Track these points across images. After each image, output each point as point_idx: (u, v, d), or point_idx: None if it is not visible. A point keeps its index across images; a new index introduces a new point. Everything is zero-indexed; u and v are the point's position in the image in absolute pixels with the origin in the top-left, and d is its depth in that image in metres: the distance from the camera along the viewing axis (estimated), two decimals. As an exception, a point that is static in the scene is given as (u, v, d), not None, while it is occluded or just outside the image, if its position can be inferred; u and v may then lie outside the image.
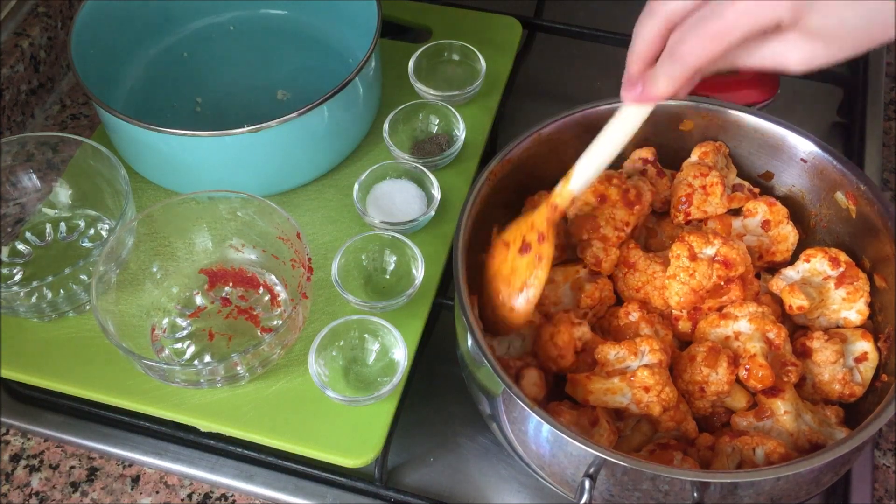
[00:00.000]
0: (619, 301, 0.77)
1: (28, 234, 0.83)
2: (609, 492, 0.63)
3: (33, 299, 0.73)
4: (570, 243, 0.78)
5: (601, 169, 0.67)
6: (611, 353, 0.69)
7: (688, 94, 0.60)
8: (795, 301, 0.72)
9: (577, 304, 0.74)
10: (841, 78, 0.99)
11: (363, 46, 0.83)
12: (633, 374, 0.67)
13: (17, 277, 0.80)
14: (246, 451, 0.76)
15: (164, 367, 0.68)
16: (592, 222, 0.74)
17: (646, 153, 0.80)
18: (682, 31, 0.55)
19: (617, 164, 0.81)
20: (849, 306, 0.73)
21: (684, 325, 0.73)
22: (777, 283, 0.74)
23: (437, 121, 0.89)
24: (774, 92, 0.90)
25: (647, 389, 0.66)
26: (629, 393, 0.67)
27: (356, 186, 0.82)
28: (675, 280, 0.72)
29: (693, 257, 0.71)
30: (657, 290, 0.73)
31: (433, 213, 0.81)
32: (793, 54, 0.53)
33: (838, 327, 0.74)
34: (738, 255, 0.71)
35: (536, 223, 0.69)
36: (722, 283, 0.72)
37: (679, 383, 0.69)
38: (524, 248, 0.69)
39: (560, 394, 0.71)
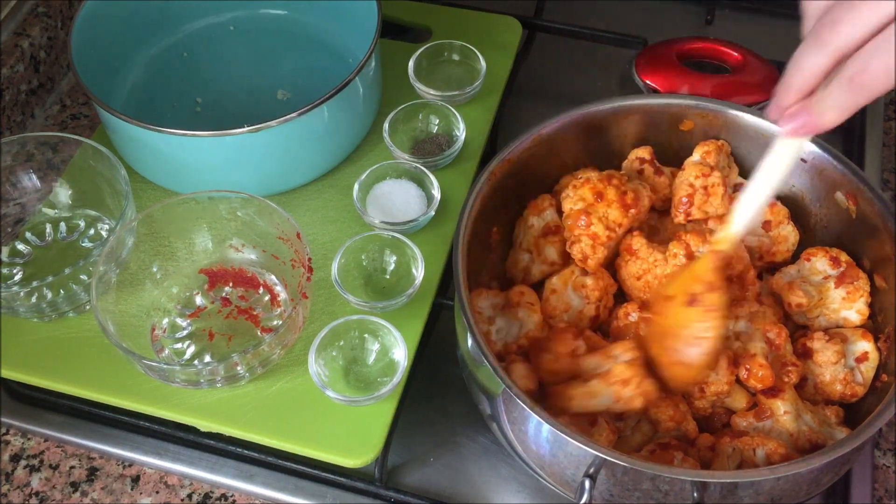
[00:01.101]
0: (621, 298, 0.77)
1: (28, 234, 0.83)
2: (609, 492, 0.63)
3: (33, 299, 0.73)
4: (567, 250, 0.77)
5: (762, 207, 0.65)
6: (587, 362, 0.69)
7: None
8: (794, 298, 0.72)
9: (586, 301, 0.74)
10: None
11: (363, 46, 0.83)
12: (610, 371, 0.67)
13: (17, 277, 0.80)
14: (246, 451, 0.76)
15: (164, 367, 0.68)
16: (585, 219, 0.74)
17: (643, 153, 0.80)
18: (863, 60, 0.51)
19: (616, 164, 0.82)
20: (849, 306, 0.73)
21: None
22: (777, 281, 0.74)
23: (437, 121, 0.89)
24: (774, 92, 0.90)
25: (625, 383, 0.66)
26: (609, 392, 0.67)
27: (356, 186, 0.82)
28: None
29: (690, 256, 0.71)
30: (658, 280, 0.73)
31: (433, 213, 0.81)
32: None
33: (838, 327, 0.74)
34: (736, 254, 0.71)
35: (700, 274, 0.66)
36: None
37: (679, 383, 0.69)
38: (691, 301, 0.66)
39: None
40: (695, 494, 0.60)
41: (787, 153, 0.61)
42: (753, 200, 0.64)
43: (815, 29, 0.53)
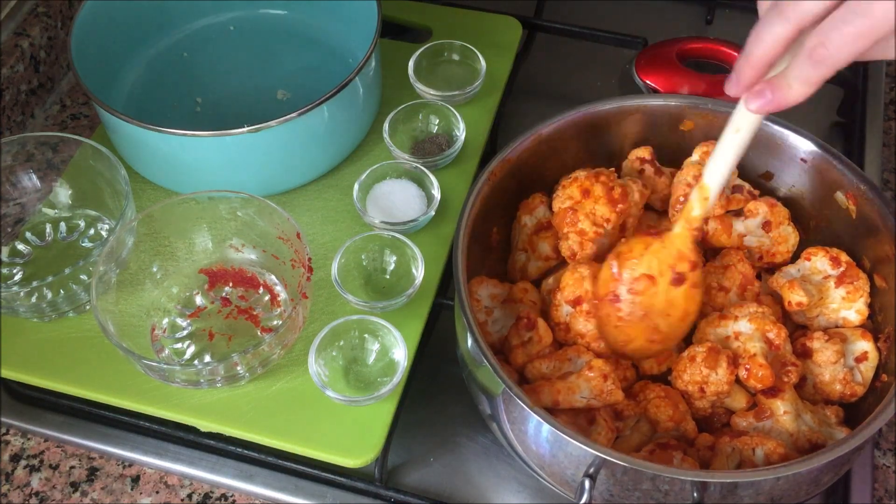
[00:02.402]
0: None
1: (28, 234, 0.83)
2: (609, 492, 0.63)
3: (33, 299, 0.73)
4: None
5: (726, 181, 0.65)
6: (543, 367, 0.70)
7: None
8: (794, 297, 0.72)
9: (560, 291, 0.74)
10: (841, 78, 0.99)
11: (363, 46, 0.83)
12: (589, 366, 0.67)
13: (17, 277, 0.80)
14: (246, 451, 0.76)
15: (164, 367, 0.68)
16: (572, 216, 0.74)
17: (643, 153, 0.80)
18: (823, 32, 0.52)
19: (616, 163, 0.82)
20: (848, 306, 0.73)
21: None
22: (777, 280, 0.74)
23: (437, 121, 0.89)
24: (774, 92, 0.90)
25: (605, 377, 0.67)
26: (586, 387, 0.67)
27: (356, 186, 0.82)
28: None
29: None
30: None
31: (433, 213, 0.81)
32: None
33: (837, 327, 0.74)
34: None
35: (684, 251, 0.67)
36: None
37: (679, 383, 0.69)
38: (678, 280, 0.67)
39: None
40: (695, 494, 0.60)
41: (749, 126, 0.62)
42: (719, 176, 0.64)
43: (775, 2, 0.54)
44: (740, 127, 0.62)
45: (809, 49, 0.53)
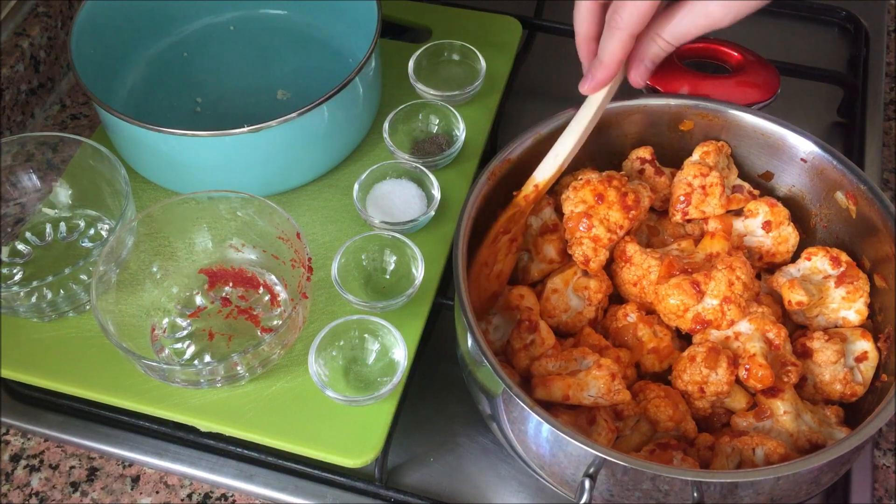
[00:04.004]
0: (617, 298, 0.77)
1: (28, 234, 0.83)
2: (609, 492, 0.63)
3: (33, 299, 0.73)
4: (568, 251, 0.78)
5: (566, 161, 0.74)
6: (549, 365, 0.70)
7: (646, 80, 0.68)
8: (794, 296, 0.72)
9: (587, 304, 0.74)
10: (841, 78, 0.99)
11: (363, 46, 0.83)
12: (598, 364, 0.67)
13: (17, 277, 0.80)
14: (246, 451, 0.76)
15: (164, 367, 0.68)
16: (586, 221, 0.74)
17: (644, 153, 0.80)
18: (617, 4, 0.63)
19: (616, 163, 0.82)
20: (848, 306, 0.73)
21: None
22: (777, 280, 0.74)
23: (437, 121, 0.89)
24: (774, 92, 0.90)
25: (613, 376, 0.67)
26: (597, 384, 0.67)
27: (356, 186, 0.82)
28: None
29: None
30: (652, 286, 0.73)
31: (433, 213, 0.81)
32: (716, 7, 0.60)
33: (837, 327, 0.74)
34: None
35: (503, 221, 0.74)
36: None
37: (679, 383, 0.69)
38: (494, 240, 0.74)
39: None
40: (695, 494, 0.60)
41: (587, 110, 0.72)
42: (557, 156, 0.73)
43: None
44: (581, 115, 0.72)
45: (608, 20, 0.64)
